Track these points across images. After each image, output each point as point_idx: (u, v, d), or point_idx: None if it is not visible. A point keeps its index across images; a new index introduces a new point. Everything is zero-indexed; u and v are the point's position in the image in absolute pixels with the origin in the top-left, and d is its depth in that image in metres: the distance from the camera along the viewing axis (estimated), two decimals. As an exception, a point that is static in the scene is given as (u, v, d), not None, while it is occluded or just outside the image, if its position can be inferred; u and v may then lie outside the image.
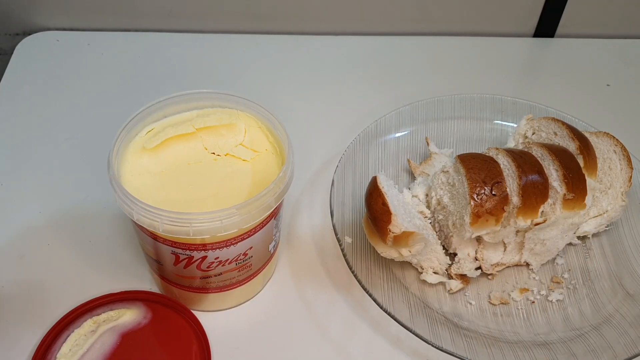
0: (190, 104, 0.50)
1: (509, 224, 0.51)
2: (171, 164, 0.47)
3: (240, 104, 0.50)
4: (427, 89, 0.69)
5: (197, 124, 0.49)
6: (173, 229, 0.42)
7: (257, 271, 0.50)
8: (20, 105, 0.68)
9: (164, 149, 0.47)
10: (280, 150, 0.48)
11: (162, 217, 0.42)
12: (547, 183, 0.51)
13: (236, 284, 0.50)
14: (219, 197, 0.45)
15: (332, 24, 0.78)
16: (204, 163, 0.47)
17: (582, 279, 0.55)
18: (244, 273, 0.49)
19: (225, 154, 0.48)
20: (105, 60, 0.74)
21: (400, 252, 0.50)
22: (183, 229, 0.42)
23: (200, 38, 0.77)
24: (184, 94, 0.49)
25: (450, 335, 0.49)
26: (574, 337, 0.51)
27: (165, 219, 0.42)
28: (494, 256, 0.54)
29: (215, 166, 0.47)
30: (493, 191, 0.50)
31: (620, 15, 0.78)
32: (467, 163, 0.52)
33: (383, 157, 0.62)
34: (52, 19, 0.76)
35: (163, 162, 0.47)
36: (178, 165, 0.47)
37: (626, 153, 0.58)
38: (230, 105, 0.50)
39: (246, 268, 0.48)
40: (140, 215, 0.42)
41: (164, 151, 0.47)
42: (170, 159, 0.47)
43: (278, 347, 0.50)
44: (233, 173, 0.47)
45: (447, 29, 0.79)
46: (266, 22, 0.77)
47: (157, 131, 0.48)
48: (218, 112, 0.50)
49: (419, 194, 0.57)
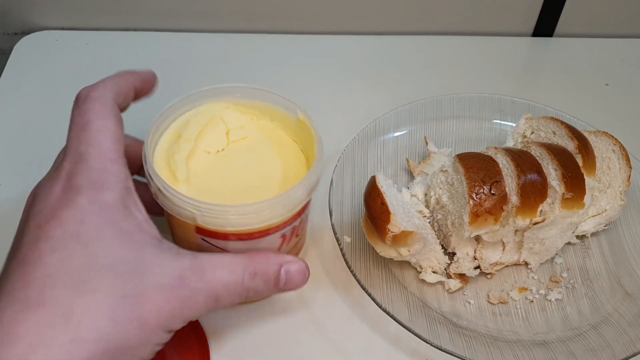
0: (219, 97, 0.50)
1: (508, 224, 0.51)
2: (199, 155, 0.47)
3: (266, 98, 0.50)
4: (425, 88, 0.69)
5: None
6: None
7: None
8: (19, 105, 0.68)
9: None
10: (304, 144, 0.49)
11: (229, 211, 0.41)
12: (546, 182, 0.51)
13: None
14: (252, 188, 0.46)
15: (330, 24, 0.78)
16: (228, 152, 0.47)
17: (580, 278, 0.55)
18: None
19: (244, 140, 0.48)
20: (104, 59, 0.73)
21: (399, 252, 0.50)
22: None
23: (200, 37, 0.77)
24: (213, 88, 0.49)
25: (449, 335, 0.49)
26: (572, 337, 0.51)
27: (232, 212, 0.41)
28: (493, 255, 0.54)
29: (240, 156, 0.47)
30: (492, 190, 0.50)
31: (620, 14, 0.78)
32: (466, 162, 0.52)
33: (382, 157, 0.62)
34: (51, 19, 0.76)
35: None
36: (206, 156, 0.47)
37: (625, 152, 0.58)
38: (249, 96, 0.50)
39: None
40: (206, 217, 0.42)
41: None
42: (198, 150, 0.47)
43: (277, 347, 0.50)
44: (259, 162, 0.47)
45: (445, 29, 0.79)
46: (265, 21, 0.77)
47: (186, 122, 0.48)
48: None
49: (417, 194, 0.57)
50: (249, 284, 0.41)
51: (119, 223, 0.38)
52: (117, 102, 0.43)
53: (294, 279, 0.43)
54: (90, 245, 0.36)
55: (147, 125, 0.46)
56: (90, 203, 0.37)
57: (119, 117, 0.42)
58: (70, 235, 0.36)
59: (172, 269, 0.38)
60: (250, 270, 0.41)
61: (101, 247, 0.36)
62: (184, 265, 0.38)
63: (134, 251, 0.37)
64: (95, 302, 0.35)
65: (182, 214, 0.42)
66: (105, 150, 0.39)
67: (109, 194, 0.38)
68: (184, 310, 0.38)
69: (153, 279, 0.37)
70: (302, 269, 0.43)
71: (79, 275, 0.35)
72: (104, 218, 0.37)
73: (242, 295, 0.41)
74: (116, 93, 0.43)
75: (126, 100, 0.44)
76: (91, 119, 0.40)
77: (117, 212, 0.38)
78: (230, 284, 0.40)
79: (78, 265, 0.35)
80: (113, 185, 0.38)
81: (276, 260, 0.42)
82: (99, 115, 0.41)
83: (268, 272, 0.41)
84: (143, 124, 0.54)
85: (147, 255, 0.38)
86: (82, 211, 0.37)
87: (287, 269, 0.42)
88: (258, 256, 0.42)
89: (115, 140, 0.40)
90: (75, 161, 0.39)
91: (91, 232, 0.36)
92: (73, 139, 0.40)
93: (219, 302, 0.39)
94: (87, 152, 0.39)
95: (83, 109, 0.41)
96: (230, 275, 0.40)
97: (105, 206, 0.38)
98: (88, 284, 0.35)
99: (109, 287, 0.35)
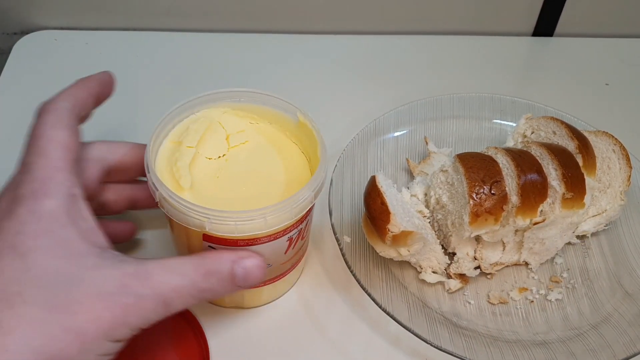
0: (222, 102, 0.50)
1: (508, 223, 0.51)
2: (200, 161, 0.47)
3: (263, 101, 0.50)
4: (425, 88, 0.69)
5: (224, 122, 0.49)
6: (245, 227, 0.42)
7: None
8: (18, 105, 0.68)
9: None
10: (304, 146, 0.49)
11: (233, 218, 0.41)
12: (546, 182, 0.51)
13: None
14: (257, 193, 0.45)
15: (330, 23, 0.78)
16: (229, 157, 0.47)
17: (581, 278, 0.55)
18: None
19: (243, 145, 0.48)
20: (104, 59, 0.73)
21: (399, 252, 0.50)
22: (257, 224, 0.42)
23: (199, 37, 0.76)
24: (212, 93, 0.49)
25: (449, 335, 0.49)
26: (572, 337, 0.51)
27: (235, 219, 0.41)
28: (493, 255, 0.54)
29: (242, 160, 0.47)
30: (492, 190, 0.50)
31: (620, 14, 0.78)
32: (466, 162, 0.52)
33: (382, 157, 0.62)
34: (50, 18, 0.76)
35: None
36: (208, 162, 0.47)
37: (625, 152, 0.58)
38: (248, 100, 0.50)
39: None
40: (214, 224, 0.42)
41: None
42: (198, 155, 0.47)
43: (277, 347, 0.50)
44: (261, 166, 0.47)
45: (446, 28, 0.79)
46: (265, 21, 0.77)
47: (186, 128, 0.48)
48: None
49: (417, 194, 0.57)
50: (202, 285, 0.40)
51: (58, 232, 0.37)
52: (74, 112, 0.43)
53: (250, 275, 0.42)
54: (26, 256, 0.36)
55: (144, 129, 0.46)
56: (29, 213, 0.37)
57: (73, 126, 0.42)
58: (7, 247, 0.36)
59: (113, 277, 0.37)
60: (201, 271, 0.40)
61: (36, 257, 0.36)
62: (127, 272, 0.38)
63: (72, 261, 0.37)
64: (26, 314, 0.35)
65: (189, 222, 0.42)
66: (51, 159, 0.40)
67: (49, 202, 0.38)
68: (128, 318, 0.37)
69: (91, 287, 0.36)
70: (258, 263, 0.42)
71: (11, 288, 0.35)
72: (42, 227, 0.37)
73: (196, 296, 0.40)
74: (73, 104, 0.43)
75: (86, 108, 0.45)
76: (43, 130, 0.41)
77: (56, 220, 0.38)
78: (180, 287, 0.39)
79: (11, 277, 0.35)
80: (55, 193, 0.38)
81: (229, 257, 0.41)
82: (50, 126, 0.41)
83: (221, 270, 0.41)
84: (143, 127, 0.54)
85: (86, 264, 0.37)
86: (20, 222, 0.37)
87: (242, 265, 0.42)
88: (210, 256, 0.41)
89: (64, 149, 0.40)
90: (22, 172, 0.40)
91: (28, 243, 0.36)
92: (25, 152, 0.41)
93: (169, 306, 0.39)
94: (33, 162, 0.40)
95: (38, 122, 0.42)
96: (179, 278, 0.39)
97: (44, 215, 0.37)
98: (20, 296, 0.35)
99: (41, 298, 0.35)
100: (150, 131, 0.45)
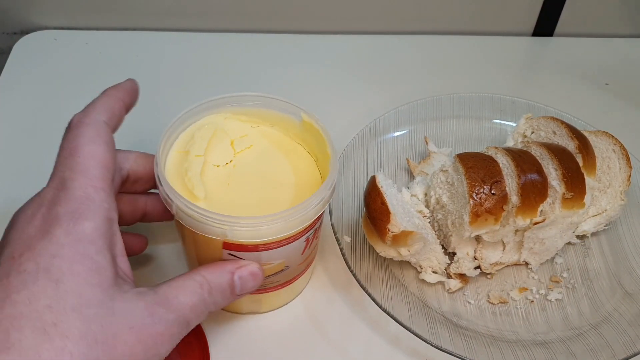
0: (226, 107, 0.49)
1: (508, 223, 0.51)
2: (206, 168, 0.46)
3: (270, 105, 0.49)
4: (425, 88, 0.69)
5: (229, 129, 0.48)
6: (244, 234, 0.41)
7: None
8: (18, 104, 0.68)
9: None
10: (310, 146, 0.49)
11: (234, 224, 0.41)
12: (546, 182, 0.51)
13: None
14: (270, 196, 0.45)
15: (330, 23, 0.78)
16: (236, 163, 0.47)
17: (581, 278, 0.55)
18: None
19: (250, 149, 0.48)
20: (104, 59, 0.73)
21: (399, 252, 0.50)
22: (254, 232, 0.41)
23: (199, 37, 0.76)
24: (212, 100, 0.48)
25: (449, 335, 0.49)
26: (572, 337, 0.51)
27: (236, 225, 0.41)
28: (493, 255, 0.54)
29: (250, 165, 0.47)
30: (492, 190, 0.50)
31: (619, 14, 0.78)
32: (466, 162, 0.52)
33: (382, 156, 0.62)
34: (50, 18, 0.76)
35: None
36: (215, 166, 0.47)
37: (625, 152, 0.58)
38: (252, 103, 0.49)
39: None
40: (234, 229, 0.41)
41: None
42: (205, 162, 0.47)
43: (277, 347, 0.50)
44: (269, 169, 0.47)
45: (445, 28, 0.79)
46: (265, 21, 0.77)
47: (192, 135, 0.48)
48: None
49: (417, 193, 0.57)
50: (209, 300, 0.40)
51: (93, 257, 0.36)
52: (110, 125, 0.41)
53: (247, 283, 0.42)
54: (60, 283, 0.34)
55: (144, 129, 0.45)
56: (66, 235, 0.36)
57: (110, 142, 0.40)
58: (42, 270, 0.34)
59: (139, 307, 0.37)
60: (206, 287, 0.40)
61: (72, 285, 0.35)
62: (149, 301, 0.37)
63: (104, 291, 0.36)
64: (66, 348, 0.33)
65: (210, 231, 0.41)
66: (91, 178, 0.38)
67: (87, 225, 0.36)
68: (158, 347, 0.37)
69: (124, 320, 0.35)
70: (254, 271, 0.42)
71: (47, 317, 0.33)
72: (78, 251, 0.35)
73: (205, 312, 0.40)
74: (109, 116, 0.41)
75: (119, 121, 0.43)
76: (79, 144, 0.39)
77: (93, 244, 0.36)
78: (196, 305, 0.39)
79: (47, 305, 0.34)
80: (93, 215, 0.37)
81: (227, 269, 0.41)
82: (88, 141, 0.39)
83: (222, 283, 0.41)
84: (143, 127, 0.54)
85: (116, 295, 0.36)
86: (56, 244, 0.35)
87: (240, 274, 0.42)
88: (210, 270, 0.41)
89: (103, 167, 0.39)
90: (58, 188, 0.38)
91: (63, 268, 0.35)
92: (59, 165, 0.39)
93: (189, 325, 0.39)
94: (71, 178, 0.38)
95: (73, 134, 0.39)
96: (193, 296, 0.39)
97: (82, 238, 0.36)
98: (57, 327, 0.33)
99: (80, 331, 0.34)
100: (150, 131, 0.45)
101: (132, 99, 0.45)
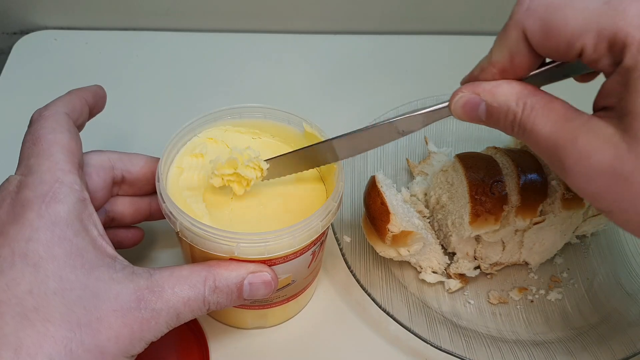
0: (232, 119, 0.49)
1: (508, 223, 0.51)
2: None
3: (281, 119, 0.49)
4: (425, 87, 0.69)
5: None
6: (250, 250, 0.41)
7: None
8: (18, 104, 0.68)
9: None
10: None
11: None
12: (546, 182, 0.51)
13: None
14: (275, 210, 0.44)
15: (330, 23, 0.78)
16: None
17: (580, 278, 0.55)
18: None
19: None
20: (103, 59, 0.73)
21: (399, 252, 0.50)
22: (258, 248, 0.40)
23: (199, 37, 0.76)
24: (211, 113, 0.48)
25: (449, 335, 0.49)
26: (572, 337, 0.51)
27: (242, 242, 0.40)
28: (493, 255, 0.54)
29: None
30: (492, 190, 0.50)
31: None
32: (466, 162, 0.52)
33: (382, 156, 0.62)
34: (50, 18, 0.76)
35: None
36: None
37: (625, 152, 0.58)
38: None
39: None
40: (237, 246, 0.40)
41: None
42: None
43: (276, 347, 0.50)
44: (273, 181, 0.46)
45: (445, 28, 0.79)
46: (264, 20, 0.77)
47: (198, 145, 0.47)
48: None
49: (417, 193, 0.57)
50: (210, 298, 0.39)
51: (72, 240, 0.35)
52: (72, 118, 0.41)
53: (258, 291, 0.41)
54: (39, 267, 0.34)
55: (144, 129, 0.45)
56: (39, 217, 0.35)
57: (73, 131, 0.40)
58: (18, 255, 0.34)
59: (128, 291, 0.36)
60: (210, 284, 0.39)
61: (51, 268, 0.34)
62: (141, 286, 0.36)
63: (87, 273, 0.35)
64: (48, 332, 0.33)
65: (217, 248, 0.40)
66: (57, 161, 0.37)
67: (60, 207, 0.35)
68: (144, 333, 0.36)
69: (109, 303, 0.35)
70: (267, 279, 0.41)
71: (28, 302, 0.33)
72: (55, 234, 0.35)
73: (202, 308, 0.39)
74: (69, 110, 0.41)
75: (82, 117, 0.43)
76: (42, 134, 0.38)
77: (70, 227, 0.35)
78: (191, 299, 0.38)
79: (27, 290, 0.33)
80: (65, 197, 0.36)
81: (239, 272, 0.40)
82: (50, 130, 0.39)
83: (230, 284, 0.40)
84: (142, 127, 0.54)
85: (101, 277, 0.35)
86: (29, 227, 0.34)
87: (251, 280, 0.40)
88: (219, 268, 0.40)
89: (68, 152, 0.38)
90: (25, 174, 0.37)
91: (40, 251, 0.34)
92: (23, 155, 0.39)
93: (179, 318, 0.38)
94: (38, 163, 0.37)
95: (35, 127, 0.39)
96: (190, 291, 0.38)
97: (57, 220, 0.35)
98: (39, 312, 0.33)
99: (62, 315, 0.33)
100: (150, 131, 0.45)
101: (97, 102, 0.45)
